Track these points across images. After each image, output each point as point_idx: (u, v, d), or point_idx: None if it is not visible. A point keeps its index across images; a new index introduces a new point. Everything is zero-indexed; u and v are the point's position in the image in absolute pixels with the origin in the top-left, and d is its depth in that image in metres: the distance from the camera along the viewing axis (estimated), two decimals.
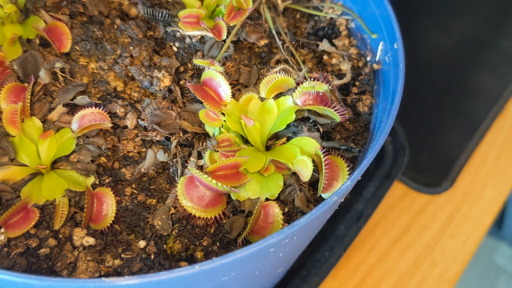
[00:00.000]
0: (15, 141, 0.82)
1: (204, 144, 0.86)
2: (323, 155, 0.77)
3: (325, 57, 1.03)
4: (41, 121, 0.85)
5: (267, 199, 0.79)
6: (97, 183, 0.82)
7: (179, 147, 0.86)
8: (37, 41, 0.93)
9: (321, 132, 0.89)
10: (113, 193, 0.79)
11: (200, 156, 0.85)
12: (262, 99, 0.89)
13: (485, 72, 1.59)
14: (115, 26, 0.97)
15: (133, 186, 0.84)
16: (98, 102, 0.89)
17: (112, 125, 0.85)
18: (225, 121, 0.85)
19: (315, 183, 0.83)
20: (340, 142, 0.88)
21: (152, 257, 0.77)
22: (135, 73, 0.91)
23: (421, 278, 1.20)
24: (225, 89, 0.87)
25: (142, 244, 0.78)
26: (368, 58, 1.01)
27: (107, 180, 0.83)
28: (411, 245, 1.25)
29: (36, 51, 0.91)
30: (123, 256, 0.77)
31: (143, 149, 0.87)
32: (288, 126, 0.87)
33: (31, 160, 0.82)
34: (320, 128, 0.89)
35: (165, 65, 0.93)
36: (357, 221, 1.14)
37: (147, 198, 0.83)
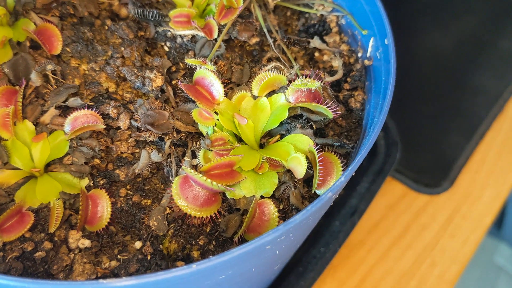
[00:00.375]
0: (7, 144, 0.82)
1: (198, 143, 0.86)
2: (317, 151, 0.78)
3: (316, 54, 1.04)
4: (34, 124, 0.85)
5: (262, 197, 0.80)
6: (92, 185, 0.82)
7: (173, 147, 0.86)
8: (27, 44, 0.92)
9: (314, 129, 0.89)
10: (107, 195, 0.79)
11: (194, 156, 0.85)
12: (254, 97, 0.89)
13: (485, 72, 1.59)
14: (106, 27, 0.97)
15: (128, 187, 0.84)
16: (91, 103, 0.88)
17: (105, 127, 0.85)
18: (218, 120, 0.85)
19: (309, 180, 0.83)
20: (333, 138, 0.89)
21: (149, 257, 0.77)
22: (127, 73, 0.91)
23: (421, 278, 1.19)
24: (217, 88, 0.87)
25: (138, 245, 0.78)
26: (359, 54, 1.02)
27: (102, 182, 0.83)
28: (411, 245, 1.24)
29: (26, 54, 0.90)
30: (119, 257, 0.77)
31: (137, 150, 0.87)
32: (281, 123, 0.87)
33: (24, 164, 0.81)
34: (313, 125, 0.89)
35: (156, 65, 0.93)
36: (351, 216, 1.15)
37: (142, 198, 0.83)
